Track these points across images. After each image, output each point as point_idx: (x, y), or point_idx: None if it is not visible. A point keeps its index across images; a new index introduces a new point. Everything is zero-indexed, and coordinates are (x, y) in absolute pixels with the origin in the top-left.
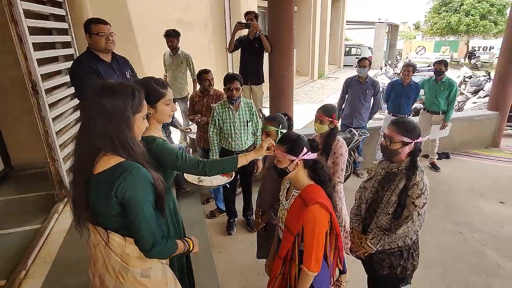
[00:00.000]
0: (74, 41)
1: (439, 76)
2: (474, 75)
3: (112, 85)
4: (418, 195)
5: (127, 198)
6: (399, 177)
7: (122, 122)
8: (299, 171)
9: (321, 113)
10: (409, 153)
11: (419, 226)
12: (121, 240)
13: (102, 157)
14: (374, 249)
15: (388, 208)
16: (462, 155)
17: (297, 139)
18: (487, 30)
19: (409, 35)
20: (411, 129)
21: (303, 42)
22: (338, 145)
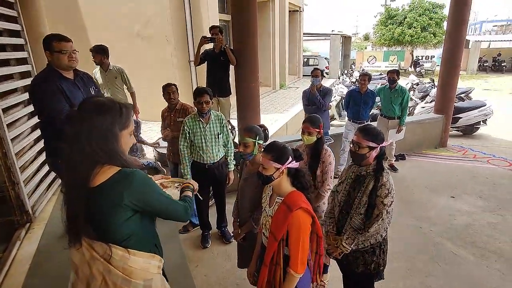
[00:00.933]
0: (30, 57)
1: (393, 84)
2: (420, 82)
3: (101, 102)
4: (386, 194)
5: (142, 199)
6: (368, 179)
7: (111, 137)
8: (282, 179)
9: (308, 125)
10: (375, 156)
11: (388, 223)
12: (124, 252)
13: (100, 169)
14: (349, 249)
15: (360, 208)
16: (416, 155)
17: (284, 148)
18: (427, 41)
19: (361, 45)
20: (376, 134)
21: (264, 54)
22: (327, 154)
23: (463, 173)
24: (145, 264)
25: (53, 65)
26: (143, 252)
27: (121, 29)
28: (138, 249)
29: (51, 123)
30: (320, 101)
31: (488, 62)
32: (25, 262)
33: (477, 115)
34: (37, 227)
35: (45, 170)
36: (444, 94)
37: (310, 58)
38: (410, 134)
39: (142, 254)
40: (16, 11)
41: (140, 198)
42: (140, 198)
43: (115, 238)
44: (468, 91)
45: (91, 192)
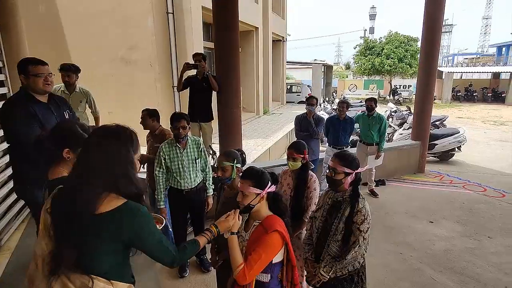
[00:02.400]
0: (7, 80)
1: (371, 111)
2: (398, 110)
3: (113, 128)
4: (362, 220)
5: (140, 234)
6: (344, 205)
7: (128, 164)
8: (262, 204)
9: (292, 151)
10: (351, 182)
11: (365, 250)
12: (106, 284)
13: (107, 197)
14: (327, 277)
15: (337, 235)
16: (395, 181)
17: (263, 173)
18: (404, 71)
19: (342, 74)
20: (351, 160)
21: (248, 81)
22: (312, 180)
23: (440, 198)
24: None
25: (27, 88)
26: (123, 283)
27: (105, 52)
28: (118, 280)
29: (19, 148)
30: (314, 129)
31: (460, 92)
32: None
33: (452, 142)
34: (2, 257)
35: (13, 197)
36: (420, 121)
37: (293, 85)
38: (390, 160)
39: (122, 285)
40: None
41: (137, 235)
42: (136, 235)
43: (98, 269)
44: (443, 119)
45: (90, 219)
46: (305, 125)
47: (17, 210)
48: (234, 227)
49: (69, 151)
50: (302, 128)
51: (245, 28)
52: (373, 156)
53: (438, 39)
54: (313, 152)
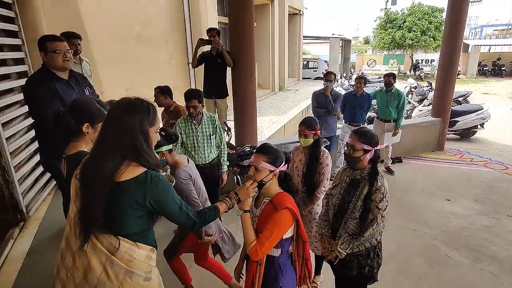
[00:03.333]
0: (27, 58)
1: (389, 87)
2: (418, 86)
3: (130, 101)
4: (381, 199)
5: (161, 200)
6: (363, 183)
7: (140, 135)
8: (273, 181)
9: (304, 128)
10: (370, 160)
11: (383, 227)
12: (131, 245)
13: (128, 166)
14: (344, 254)
15: (354, 213)
16: (413, 158)
17: (278, 151)
18: (427, 44)
19: (361, 49)
20: (370, 137)
21: (264, 56)
22: (325, 156)
23: (459, 176)
24: (148, 257)
25: (47, 65)
26: (147, 245)
27: (120, 30)
28: (142, 242)
29: (43, 123)
30: (332, 105)
31: (487, 66)
32: (18, 260)
33: (475, 119)
34: (31, 226)
35: (40, 169)
36: (441, 98)
37: (310, 61)
38: (407, 137)
39: (146, 247)
40: (14, 12)
41: (159, 201)
42: (158, 201)
43: (124, 232)
44: (466, 95)
45: (114, 186)
46: (322, 102)
47: (43, 183)
48: (246, 206)
49: (88, 126)
50: (320, 104)
51: (261, 2)
52: (390, 133)
53: (465, 8)
54: (331, 129)
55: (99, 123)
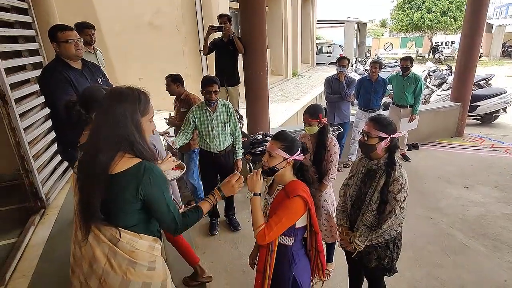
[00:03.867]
0: (42, 48)
1: (406, 71)
2: (437, 69)
3: (120, 90)
4: (399, 190)
5: (152, 194)
6: (379, 173)
7: (132, 125)
8: (286, 169)
9: (307, 116)
10: (386, 149)
11: (403, 218)
12: (132, 235)
13: (122, 158)
14: (363, 246)
15: (371, 205)
16: (430, 145)
17: (294, 139)
18: (447, 26)
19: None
20: (386, 125)
21: (276, 42)
22: (332, 143)
23: (478, 163)
24: (150, 247)
25: (61, 55)
26: (148, 235)
27: (132, 19)
28: (144, 233)
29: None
30: (345, 91)
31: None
32: (39, 247)
33: (497, 103)
34: (51, 214)
35: (58, 158)
36: (461, 81)
37: (324, 46)
38: (425, 123)
39: (148, 237)
40: (27, 3)
41: (149, 196)
42: (148, 195)
43: (124, 224)
44: (488, 78)
45: (109, 179)
46: (335, 87)
47: (62, 171)
48: (256, 188)
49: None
50: (333, 90)
51: None
52: (406, 119)
53: None
54: (344, 115)
55: None
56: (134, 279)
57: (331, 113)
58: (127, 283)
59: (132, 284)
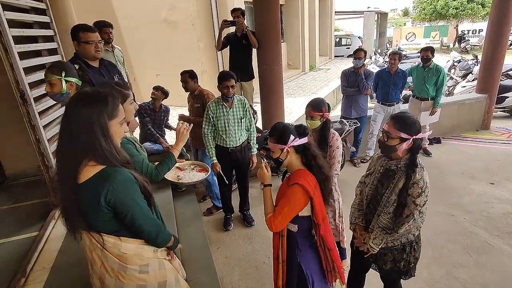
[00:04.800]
0: (60, 48)
1: (426, 62)
2: (462, 59)
3: (85, 93)
4: (419, 193)
5: (118, 201)
6: (398, 175)
7: (97, 129)
8: (292, 158)
9: (310, 109)
10: (408, 150)
11: (422, 222)
12: (116, 240)
13: (85, 166)
14: (377, 250)
15: (388, 207)
16: (453, 139)
17: (284, 129)
18: (475, 13)
19: (399, 22)
20: (409, 124)
21: (293, 35)
22: (334, 139)
23: (506, 158)
24: (138, 250)
25: (80, 54)
26: (135, 239)
27: (148, 15)
28: (129, 236)
29: None
30: (364, 84)
31: None
32: (58, 240)
33: None
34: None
35: None
36: (488, 72)
37: (343, 38)
38: (448, 115)
39: (134, 240)
40: (45, 4)
41: (117, 200)
42: (117, 200)
43: (106, 230)
44: None
45: (78, 188)
46: (352, 80)
47: None
48: (266, 179)
49: None
50: (350, 83)
51: None
52: (427, 112)
53: None
54: (361, 109)
55: (123, 103)
56: (127, 282)
57: (348, 107)
58: (121, 285)
59: (126, 286)
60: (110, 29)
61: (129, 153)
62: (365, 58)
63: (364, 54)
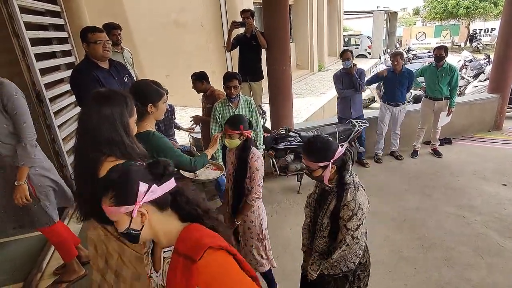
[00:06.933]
0: (74, 49)
1: (440, 62)
2: (474, 59)
3: (107, 93)
4: (349, 216)
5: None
6: (331, 196)
7: (121, 127)
8: (153, 221)
9: (227, 127)
10: (336, 170)
11: (360, 248)
12: None
13: (104, 162)
14: (315, 276)
15: (322, 231)
16: (464, 139)
17: (123, 184)
18: (487, 12)
19: (409, 21)
20: (322, 150)
21: (301, 35)
22: (254, 159)
23: None
24: None
25: (90, 56)
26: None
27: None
28: None
29: None
30: (359, 83)
31: None
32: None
33: None
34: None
35: None
36: (500, 71)
37: (351, 38)
38: (459, 116)
39: None
40: (59, 6)
41: None
42: None
43: None
44: None
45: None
46: (347, 82)
47: None
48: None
49: (151, 105)
50: (345, 85)
51: None
52: (445, 113)
53: None
54: (359, 109)
55: (159, 102)
56: (143, 272)
57: (347, 108)
58: (139, 276)
59: (143, 277)
60: (118, 30)
61: (167, 146)
62: (353, 58)
63: (351, 54)
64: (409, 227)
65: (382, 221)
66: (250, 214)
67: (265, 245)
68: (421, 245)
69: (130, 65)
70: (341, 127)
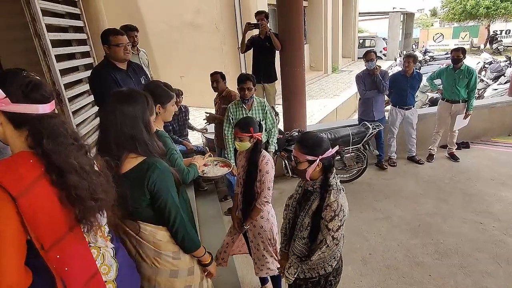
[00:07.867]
0: (92, 50)
1: (457, 63)
2: (494, 61)
3: (129, 93)
4: (331, 217)
5: (157, 188)
6: (314, 196)
7: (142, 125)
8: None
9: (237, 130)
10: (321, 170)
11: (339, 251)
12: (152, 228)
13: (126, 158)
14: (292, 279)
15: (302, 231)
16: (482, 144)
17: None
18: (508, 12)
19: (426, 22)
20: (314, 145)
21: (316, 37)
22: (264, 162)
23: None
24: (171, 238)
25: (109, 57)
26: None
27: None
28: (163, 225)
29: None
30: (383, 84)
31: None
32: None
33: None
34: None
35: None
36: None
37: (366, 39)
38: (477, 119)
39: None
40: (79, 9)
41: (155, 187)
42: (155, 187)
43: (143, 217)
44: None
45: (120, 178)
46: (369, 83)
47: None
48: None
49: (160, 106)
50: (367, 86)
51: None
52: (462, 115)
53: None
54: (381, 110)
55: (168, 103)
56: (161, 267)
57: (369, 110)
58: (157, 272)
59: (161, 272)
60: (135, 32)
61: (167, 147)
62: (376, 59)
63: (374, 55)
64: (424, 232)
65: (396, 225)
66: (259, 220)
67: (276, 249)
68: (436, 250)
69: (145, 66)
70: (355, 130)
